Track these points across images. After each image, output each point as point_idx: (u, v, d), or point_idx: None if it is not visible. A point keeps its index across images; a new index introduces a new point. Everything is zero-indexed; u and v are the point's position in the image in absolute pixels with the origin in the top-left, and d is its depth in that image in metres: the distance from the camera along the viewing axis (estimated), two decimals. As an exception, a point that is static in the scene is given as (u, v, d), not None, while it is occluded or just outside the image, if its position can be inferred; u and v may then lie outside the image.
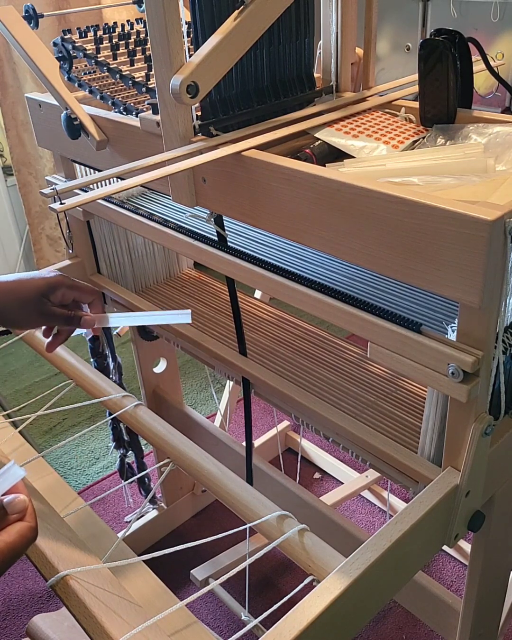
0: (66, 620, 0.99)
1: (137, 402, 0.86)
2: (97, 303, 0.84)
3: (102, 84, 0.95)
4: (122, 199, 1.04)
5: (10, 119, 2.32)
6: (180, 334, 1.04)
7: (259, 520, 0.66)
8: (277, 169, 0.68)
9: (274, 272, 0.78)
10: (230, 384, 1.69)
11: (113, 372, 1.35)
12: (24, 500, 0.55)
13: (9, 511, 0.54)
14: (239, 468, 1.04)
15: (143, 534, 1.60)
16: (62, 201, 0.66)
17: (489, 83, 1.91)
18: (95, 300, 0.84)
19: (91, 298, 0.84)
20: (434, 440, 0.74)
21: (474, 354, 0.61)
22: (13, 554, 0.52)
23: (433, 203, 0.56)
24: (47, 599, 1.51)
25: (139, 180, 0.68)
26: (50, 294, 0.80)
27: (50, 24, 2.18)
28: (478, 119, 0.81)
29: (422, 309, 0.74)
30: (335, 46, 0.89)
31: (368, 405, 0.87)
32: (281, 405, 0.93)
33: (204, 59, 0.69)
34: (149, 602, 0.71)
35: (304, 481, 1.75)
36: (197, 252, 0.88)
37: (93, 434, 1.98)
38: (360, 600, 0.60)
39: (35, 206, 2.48)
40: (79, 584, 0.60)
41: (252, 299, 1.16)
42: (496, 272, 0.57)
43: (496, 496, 0.77)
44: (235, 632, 0.58)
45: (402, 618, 1.41)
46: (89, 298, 0.84)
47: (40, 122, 1.04)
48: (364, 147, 0.79)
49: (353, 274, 0.81)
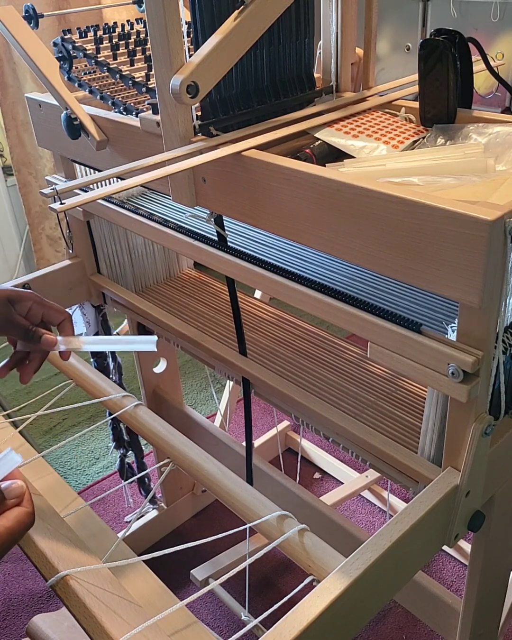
0: (66, 620, 0.99)
1: (137, 402, 0.86)
2: (66, 325, 0.81)
3: (102, 84, 0.95)
4: (122, 199, 1.04)
5: (10, 119, 2.32)
6: (180, 334, 1.04)
7: (259, 520, 0.66)
8: (277, 169, 0.68)
9: (274, 272, 0.78)
10: (230, 384, 1.69)
11: (113, 372, 1.35)
12: (22, 486, 0.56)
13: (7, 496, 0.55)
14: (239, 468, 1.04)
15: (143, 534, 1.60)
16: (62, 201, 0.66)
17: (489, 83, 1.91)
18: (64, 322, 0.81)
19: (60, 318, 0.80)
20: (434, 440, 0.74)
21: (474, 354, 0.61)
22: (11, 539, 0.53)
23: (433, 203, 0.56)
24: (47, 599, 1.51)
25: (139, 180, 0.68)
26: (17, 303, 0.78)
27: (50, 24, 2.18)
28: (478, 119, 0.81)
29: (422, 309, 0.74)
30: (335, 46, 0.89)
31: (368, 405, 0.87)
32: (281, 405, 0.93)
33: (204, 59, 0.69)
34: (149, 602, 0.71)
35: (304, 481, 1.74)
36: (197, 252, 0.88)
37: (93, 434, 1.98)
38: (360, 600, 0.60)
39: (35, 206, 2.48)
40: (79, 584, 0.60)
41: (252, 299, 1.16)
42: (496, 272, 0.57)
43: (496, 496, 0.77)
44: (235, 632, 0.57)
45: (402, 618, 1.41)
46: (57, 317, 0.80)
47: (40, 122, 1.04)
48: (364, 147, 0.79)
49: (353, 274, 0.81)
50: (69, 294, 1.19)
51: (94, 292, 1.21)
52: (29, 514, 0.55)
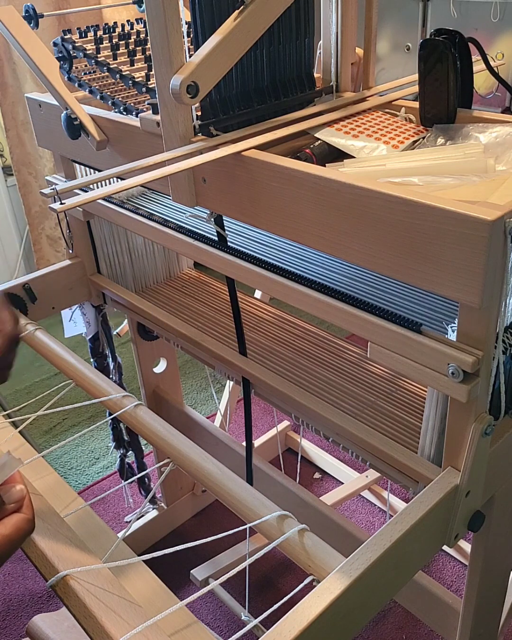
0: (66, 620, 0.99)
1: (137, 402, 0.86)
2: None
3: (102, 84, 0.95)
4: (122, 199, 1.03)
5: (10, 119, 2.32)
6: (180, 334, 1.04)
7: (259, 520, 0.66)
8: (277, 169, 0.68)
9: (274, 272, 0.78)
10: (230, 384, 1.69)
11: (113, 372, 1.35)
12: (22, 490, 0.55)
13: (6, 501, 0.54)
14: (239, 468, 1.04)
15: (143, 534, 1.60)
16: (62, 201, 0.66)
17: (489, 83, 1.90)
18: None
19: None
20: (434, 440, 0.74)
21: (474, 354, 0.61)
22: (10, 546, 0.52)
23: (433, 203, 0.56)
24: (47, 599, 1.51)
25: (139, 180, 0.68)
26: None
27: (50, 24, 2.18)
28: (478, 119, 0.81)
29: (422, 309, 0.74)
30: (335, 46, 0.89)
31: (368, 405, 0.87)
32: (281, 405, 0.93)
33: (204, 59, 0.69)
34: (149, 602, 0.71)
35: (304, 481, 1.74)
36: (197, 252, 0.88)
37: (93, 434, 1.98)
38: (360, 601, 0.59)
39: (35, 206, 2.48)
40: (79, 584, 0.59)
41: (252, 299, 1.16)
42: (496, 272, 0.57)
43: (496, 496, 0.77)
44: (236, 632, 0.57)
45: (402, 618, 1.41)
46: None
47: (40, 122, 1.04)
48: (364, 147, 0.79)
49: (353, 274, 0.81)
50: (69, 294, 1.19)
51: (94, 292, 1.21)
52: (28, 520, 0.54)
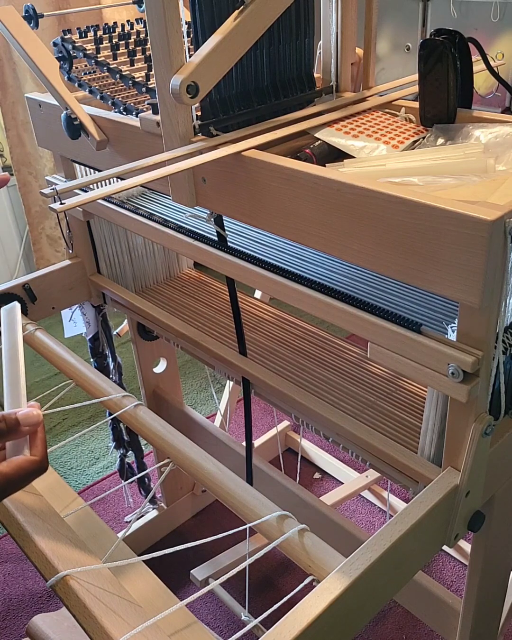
0: (66, 620, 0.99)
1: (137, 402, 0.86)
2: None
3: (102, 84, 0.95)
4: (122, 199, 1.03)
5: (10, 119, 2.32)
6: (180, 334, 1.04)
7: (259, 520, 0.66)
8: (277, 169, 0.68)
9: (274, 272, 0.78)
10: (230, 384, 1.69)
11: (113, 372, 1.35)
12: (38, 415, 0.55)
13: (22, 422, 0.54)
14: (239, 468, 1.04)
15: (143, 534, 1.60)
16: (62, 201, 0.66)
17: (489, 83, 1.91)
18: None
19: None
20: (434, 441, 0.74)
21: (474, 354, 0.61)
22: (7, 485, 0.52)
23: (433, 203, 0.56)
24: (47, 599, 1.51)
25: (139, 180, 0.68)
26: None
27: (50, 24, 2.18)
28: (478, 119, 0.81)
29: (422, 309, 0.74)
30: (335, 46, 0.89)
31: (368, 405, 0.87)
32: (281, 405, 0.93)
33: (204, 59, 0.69)
34: (149, 602, 0.71)
35: (304, 481, 1.74)
36: (197, 252, 0.88)
37: (93, 434, 1.98)
38: (360, 600, 0.59)
39: (35, 206, 2.48)
40: (79, 584, 0.60)
41: (252, 299, 1.16)
42: (496, 272, 0.57)
43: (496, 496, 0.77)
44: (236, 632, 0.57)
45: (402, 618, 1.41)
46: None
47: (40, 122, 1.04)
48: (364, 147, 0.79)
49: (353, 274, 0.81)
50: (69, 294, 1.19)
51: (94, 292, 1.21)
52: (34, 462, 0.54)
